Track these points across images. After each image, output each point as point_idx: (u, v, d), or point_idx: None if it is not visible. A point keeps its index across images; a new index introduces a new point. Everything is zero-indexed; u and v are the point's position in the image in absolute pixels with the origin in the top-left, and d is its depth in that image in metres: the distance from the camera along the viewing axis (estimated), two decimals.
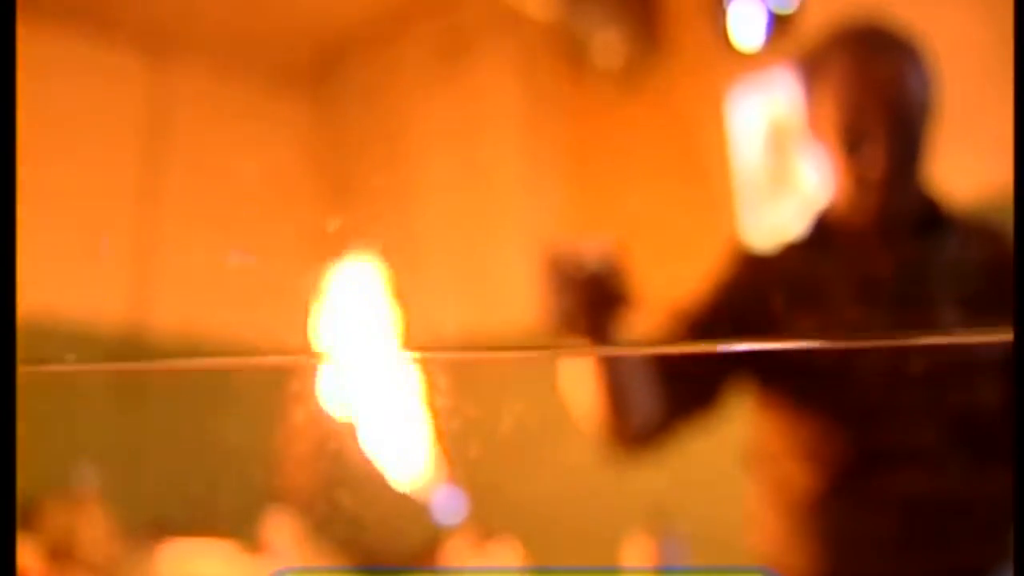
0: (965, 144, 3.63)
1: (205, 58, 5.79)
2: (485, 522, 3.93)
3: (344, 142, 6.21)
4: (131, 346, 5.27)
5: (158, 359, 5.28)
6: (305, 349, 1.62)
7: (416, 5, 5.82)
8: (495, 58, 5.40)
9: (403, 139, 5.70)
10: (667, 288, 1.94)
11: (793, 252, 1.86)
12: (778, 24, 4.48)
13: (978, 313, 1.70)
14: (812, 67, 1.79)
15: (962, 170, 3.62)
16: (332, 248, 6.01)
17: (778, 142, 4.10)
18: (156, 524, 4.75)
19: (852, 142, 1.70)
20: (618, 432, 1.74)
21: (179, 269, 5.39)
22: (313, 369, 1.64)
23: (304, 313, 1.74)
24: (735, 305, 1.84)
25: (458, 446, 4.92)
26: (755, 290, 1.82)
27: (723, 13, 4.72)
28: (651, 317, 1.86)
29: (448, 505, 1.65)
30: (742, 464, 1.88)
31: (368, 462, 1.69)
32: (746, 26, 4.66)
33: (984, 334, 1.67)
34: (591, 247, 1.51)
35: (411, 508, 1.62)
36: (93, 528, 4.47)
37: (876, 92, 1.73)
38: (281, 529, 5.03)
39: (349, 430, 1.72)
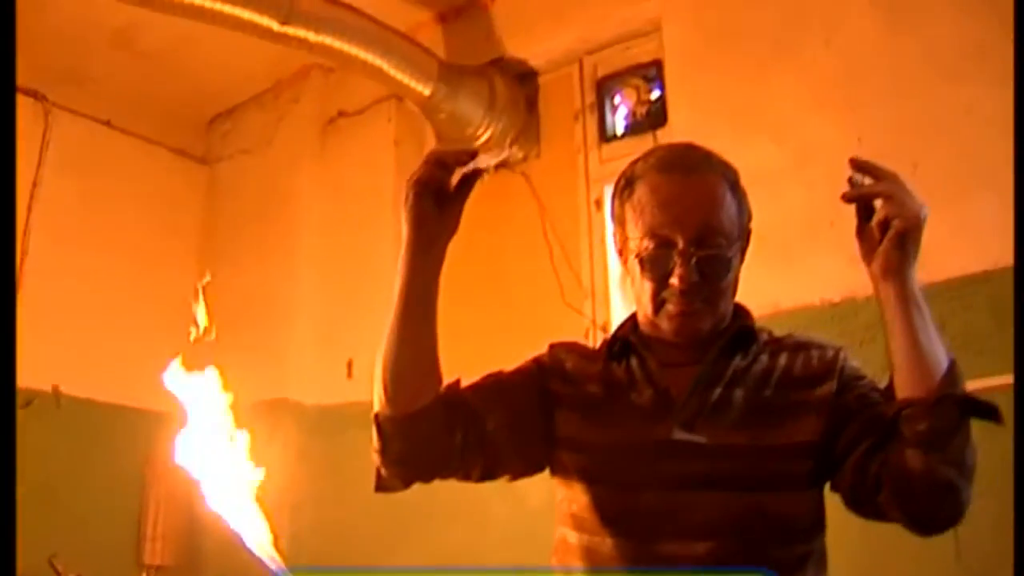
0: (801, 261, 3.81)
1: (93, 108, 5.81)
2: None
3: (222, 203, 6.24)
4: None
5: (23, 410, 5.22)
6: (164, 407, 1.65)
7: (302, 80, 5.92)
8: (374, 135, 5.52)
9: (280, 206, 5.75)
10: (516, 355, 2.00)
11: (607, 354, 1.86)
12: (645, 127, 4.68)
13: (781, 425, 1.73)
14: (625, 190, 1.82)
15: (794, 285, 3.80)
16: (200, 309, 6.00)
17: None
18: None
19: (658, 264, 1.74)
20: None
21: (47, 320, 5.32)
22: (171, 427, 1.67)
23: (164, 371, 1.76)
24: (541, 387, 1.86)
25: (301, 507, 4.98)
26: (555, 384, 1.88)
27: (597, 117, 4.92)
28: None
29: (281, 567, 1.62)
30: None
31: (218, 520, 1.70)
32: (614, 128, 4.86)
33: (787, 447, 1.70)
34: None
35: (255, 565, 1.65)
36: None
37: (683, 218, 1.74)
38: None
39: (201, 488, 1.73)
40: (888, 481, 1.61)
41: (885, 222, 1.60)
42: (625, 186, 1.84)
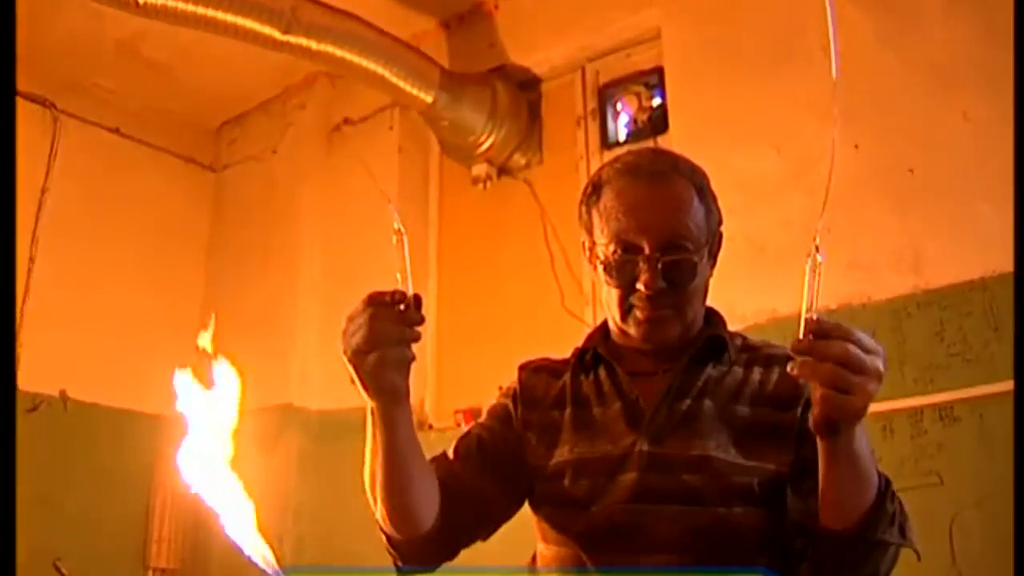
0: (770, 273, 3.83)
1: (102, 116, 5.83)
2: None
3: (229, 210, 6.25)
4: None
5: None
6: (170, 411, 1.64)
7: (308, 87, 5.96)
8: (378, 142, 5.60)
9: (286, 212, 5.75)
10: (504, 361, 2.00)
11: (578, 365, 1.90)
12: (647, 134, 4.70)
13: (751, 443, 1.71)
14: (592, 195, 1.82)
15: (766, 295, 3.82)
16: (207, 313, 6.03)
17: None
18: None
19: (624, 270, 1.72)
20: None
21: (54, 325, 5.34)
22: (176, 431, 1.67)
23: (170, 375, 1.75)
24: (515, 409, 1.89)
25: (304, 513, 5.00)
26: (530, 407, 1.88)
27: (599, 124, 4.95)
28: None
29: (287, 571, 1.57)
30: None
31: (223, 528, 1.67)
32: (616, 135, 4.88)
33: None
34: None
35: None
36: None
37: (649, 223, 1.72)
38: None
39: (207, 497, 1.70)
40: (807, 566, 1.60)
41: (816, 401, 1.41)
42: (592, 192, 1.83)
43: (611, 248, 1.75)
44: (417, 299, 1.50)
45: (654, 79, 4.78)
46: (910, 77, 3.69)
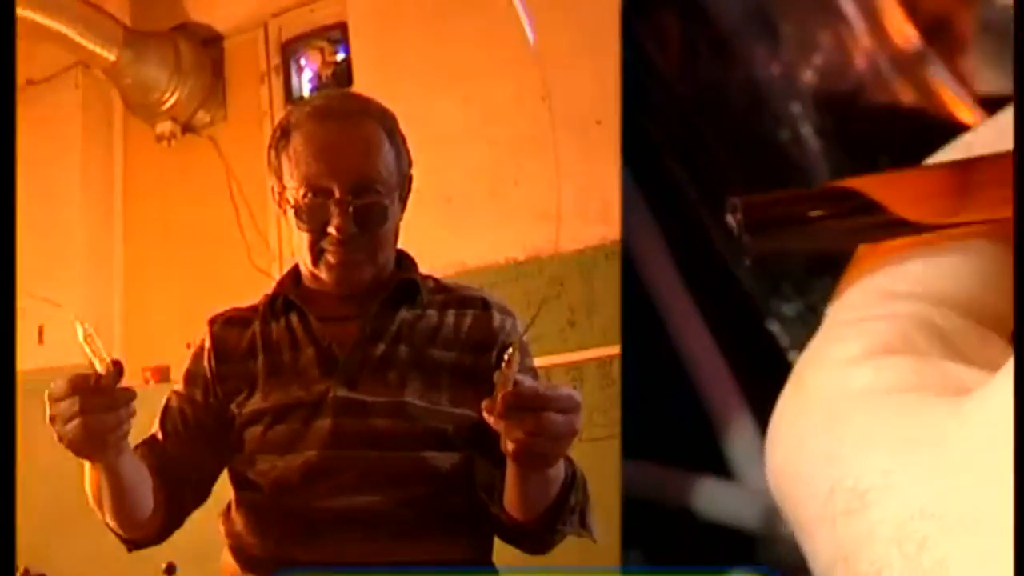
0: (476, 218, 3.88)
1: None
2: None
3: None
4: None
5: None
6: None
7: None
8: (62, 100, 5.37)
9: None
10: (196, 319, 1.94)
11: (269, 312, 1.84)
12: (330, 88, 4.67)
13: (447, 386, 1.72)
14: (281, 139, 1.75)
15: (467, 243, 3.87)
16: None
17: None
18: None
19: (315, 214, 1.68)
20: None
21: None
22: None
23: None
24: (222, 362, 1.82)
25: None
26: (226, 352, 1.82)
27: (283, 79, 4.92)
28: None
29: None
30: None
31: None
32: (300, 90, 4.84)
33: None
34: None
35: None
36: None
37: (339, 166, 1.68)
38: None
39: None
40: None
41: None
42: (281, 135, 1.77)
43: (301, 192, 1.70)
44: (118, 370, 1.42)
45: (337, 34, 4.80)
46: (588, 31, 3.72)
